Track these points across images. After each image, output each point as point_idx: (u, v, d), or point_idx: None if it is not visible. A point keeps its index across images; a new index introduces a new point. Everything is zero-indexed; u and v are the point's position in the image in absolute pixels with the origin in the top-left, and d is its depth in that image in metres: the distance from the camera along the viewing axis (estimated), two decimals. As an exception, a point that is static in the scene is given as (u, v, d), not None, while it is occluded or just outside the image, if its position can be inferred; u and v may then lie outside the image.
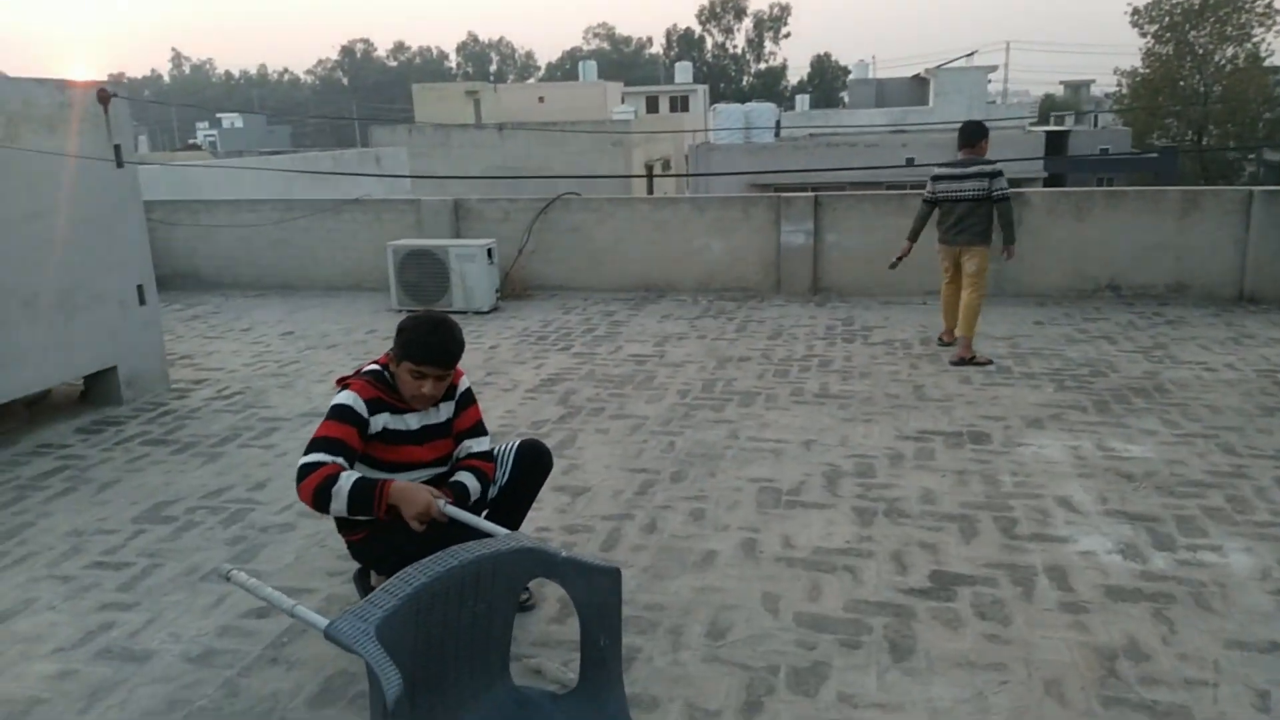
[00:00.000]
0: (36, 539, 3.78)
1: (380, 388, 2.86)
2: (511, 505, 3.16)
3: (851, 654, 2.82)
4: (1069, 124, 32.74)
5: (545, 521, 3.79)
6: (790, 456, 4.44)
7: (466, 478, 2.95)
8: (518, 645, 2.88)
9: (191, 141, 45.70)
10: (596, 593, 2.34)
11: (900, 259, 6.43)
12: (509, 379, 5.92)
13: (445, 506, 2.67)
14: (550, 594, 3.18)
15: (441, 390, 2.86)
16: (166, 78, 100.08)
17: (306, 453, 2.72)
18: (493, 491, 3.10)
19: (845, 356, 6.24)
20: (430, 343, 2.77)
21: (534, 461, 3.15)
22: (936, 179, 6.16)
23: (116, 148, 5.67)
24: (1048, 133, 25.42)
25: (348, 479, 2.66)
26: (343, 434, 2.76)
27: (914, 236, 6.38)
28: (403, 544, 2.71)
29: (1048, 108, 48.91)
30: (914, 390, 5.44)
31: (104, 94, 5.58)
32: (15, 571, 3.50)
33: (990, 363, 5.95)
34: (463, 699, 2.36)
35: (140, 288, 5.80)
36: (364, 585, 3.08)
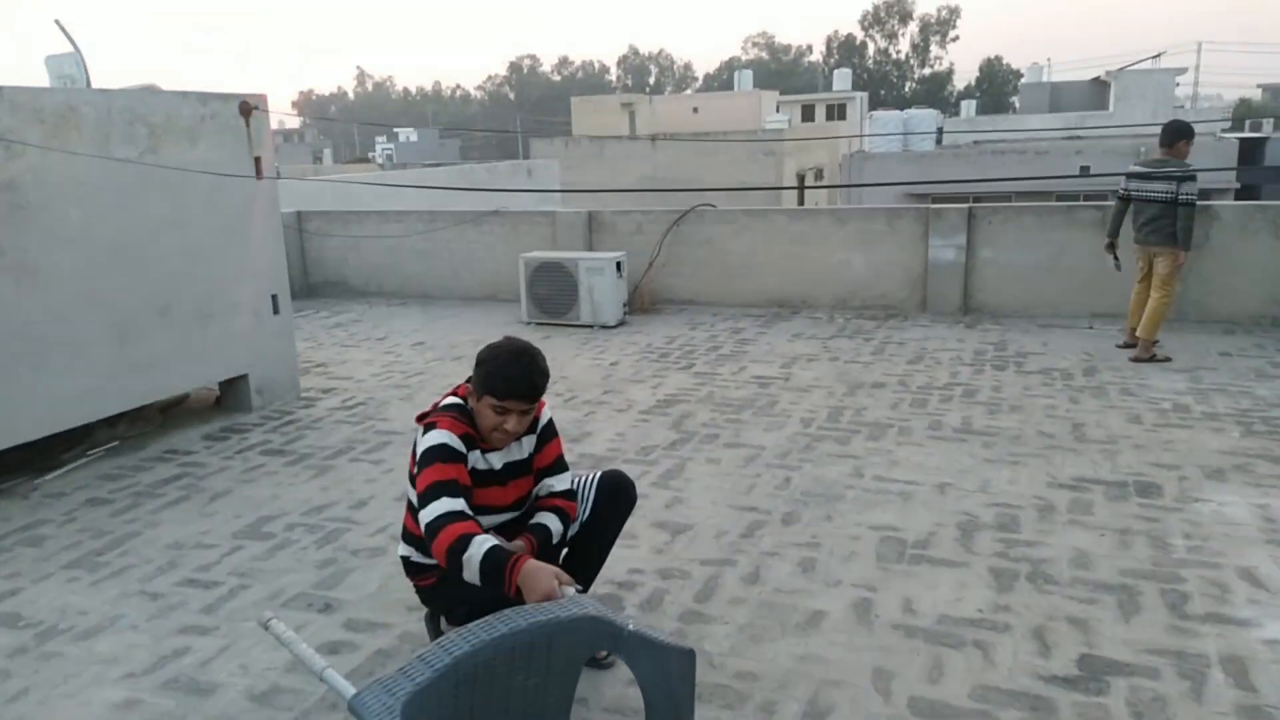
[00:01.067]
0: (138, 550, 3.80)
1: (466, 423, 2.63)
2: (591, 544, 2.89)
3: (972, 756, 2.38)
4: (1267, 130, 29.69)
5: (639, 562, 3.50)
6: (920, 502, 3.97)
7: (549, 519, 2.72)
8: (588, 711, 2.60)
9: (360, 155, 48.34)
10: (665, 676, 2.03)
11: (1115, 258, 6.48)
12: (624, 399, 5.67)
13: (570, 594, 2.30)
14: (632, 650, 2.88)
15: (524, 426, 2.61)
16: (351, 94, 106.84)
17: (424, 504, 2.48)
18: (573, 529, 2.84)
19: (994, 386, 5.65)
20: (513, 376, 2.52)
21: (616, 497, 2.87)
22: (1130, 176, 6.29)
23: (256, 160, 5.81)
24: (1241, 140, 23.11)
25: (479, 547, 2.36)
26: (455, 474, 2.53)
27: (1113, 234, 6.44)
28: (471, 593, 2.48)
29: (1242, 113, 44.73)
30: (1072, 429, 4.82)
31: (245, 106, 5.72)
32: (110, 585, 3.51)
33: (1170, 359, 6.03)
34: None
35: (274, 297, 5.91)
36: (434, 628, 2.88)
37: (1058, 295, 7.49)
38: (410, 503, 2.71)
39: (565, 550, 2.89)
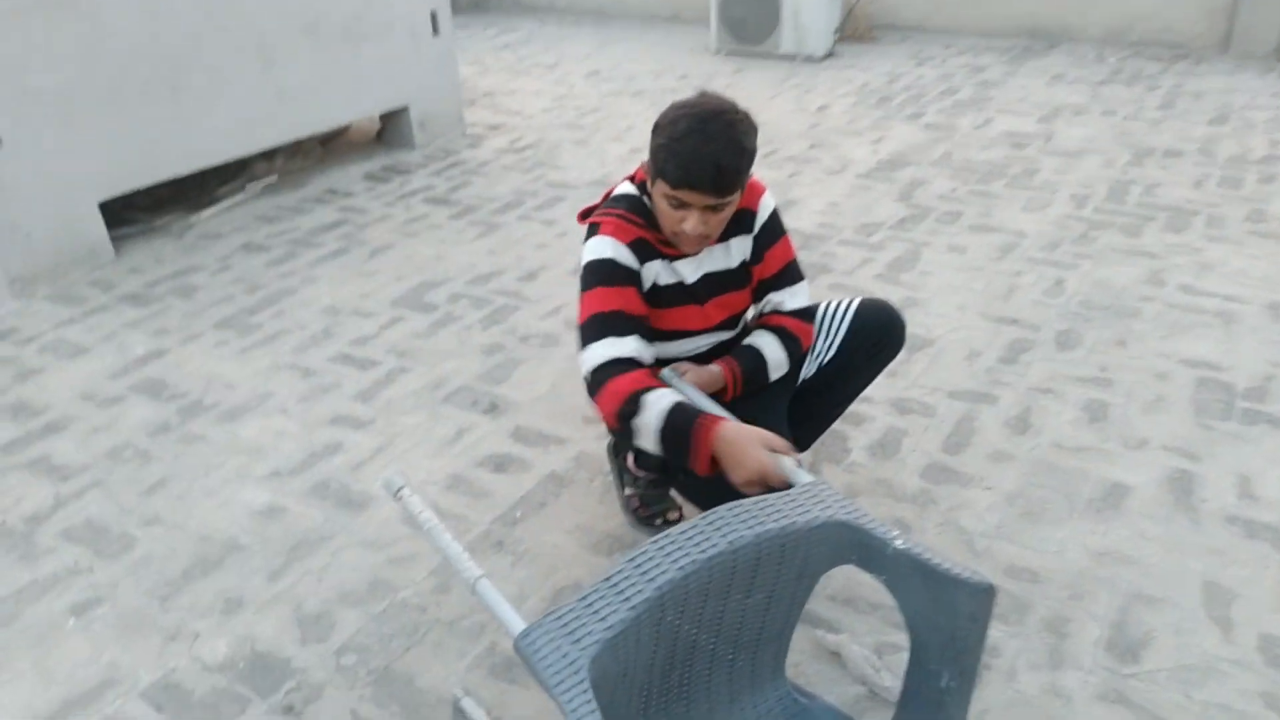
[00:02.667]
0: (293, 313, 3.40)
1: (642, 225, 1.87)
2: (828, 395, 2.16)
3: (1373, 749, 1.66)
4: None
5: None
6: (1248, 327, 2.99)
7: (765, 342, 1.98)
8: (812, 599, 2.02)
9: None
10: (947, 613, 1.37)
11: None
12: (837, 156, 4.70)
13: (793, 470, 1.57)
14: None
15: (715, 227, 1.79)
16: None
17: (585, 342, 1.82)
18: (809, 369, 2.12)
19: (1334, 163, 4.31)
20: (689, 155, 1.66)
21: (877, 339, 2.07)
22: None
23: None
24: None
25: (654, 407, 1.68)
26: (622, 302, 1.82)
27: None
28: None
29: None
30: None
31: None
32: (262, 353, 3.13)
33: None
34: (713, 709, 1.56)
35: (433, 15, 5.10)
36: (619, 469, 2.32)
37: None
38: None
39: (790, 397, 2.19)
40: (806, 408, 2.17)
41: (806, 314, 2.04)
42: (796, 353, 2.01)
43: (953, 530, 2.20)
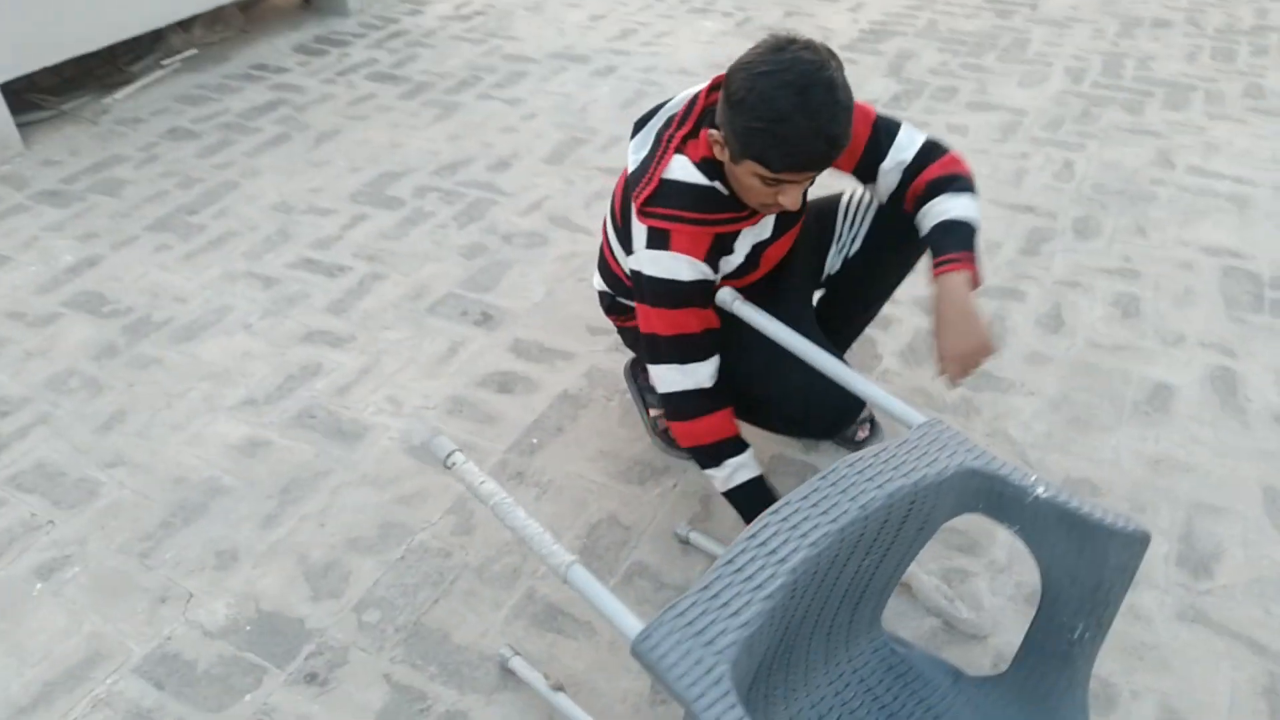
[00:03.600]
0: (238, 210, 3.03)
1: (716, 220, 1.56)
2: (861, 292, 1.96)
3: None
4: None
5: (890, 283, 2.60)
6: (1264, 211, 2.90)
7: (952, 206, 1.59)
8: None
9: None
10: (1091, 562, 1.24)
11: None
12: (815, 26, 4.38)
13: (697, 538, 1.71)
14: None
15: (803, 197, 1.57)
16: None
17: (655, 356, 1.63)
18: (833, 262, 1.91)
19: (1321, 33, 4.19)
20: (796, 138, 1.36)
21: (905, 227, 1.72)
22: None
23: None
24: None
25: (741, 473, 1.66)
26: (702, 322, 1.60)
27: None
28: None
29: None
30: None
31: None
32: (211, 259, 2.79)
33: None
34: (810, 671, 1.43)
35: None
36: (639, 385, 2.12)
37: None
38: (609, 228, 1.80)
39: (822, 292, 2.00)
40: (836, 308, 1.98)
41: (932, 150, 1.66)
42: (971, 188, 1.64)
43: (1002, 441, 2.09)
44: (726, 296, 1.65)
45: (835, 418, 1.73)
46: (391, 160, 3.32)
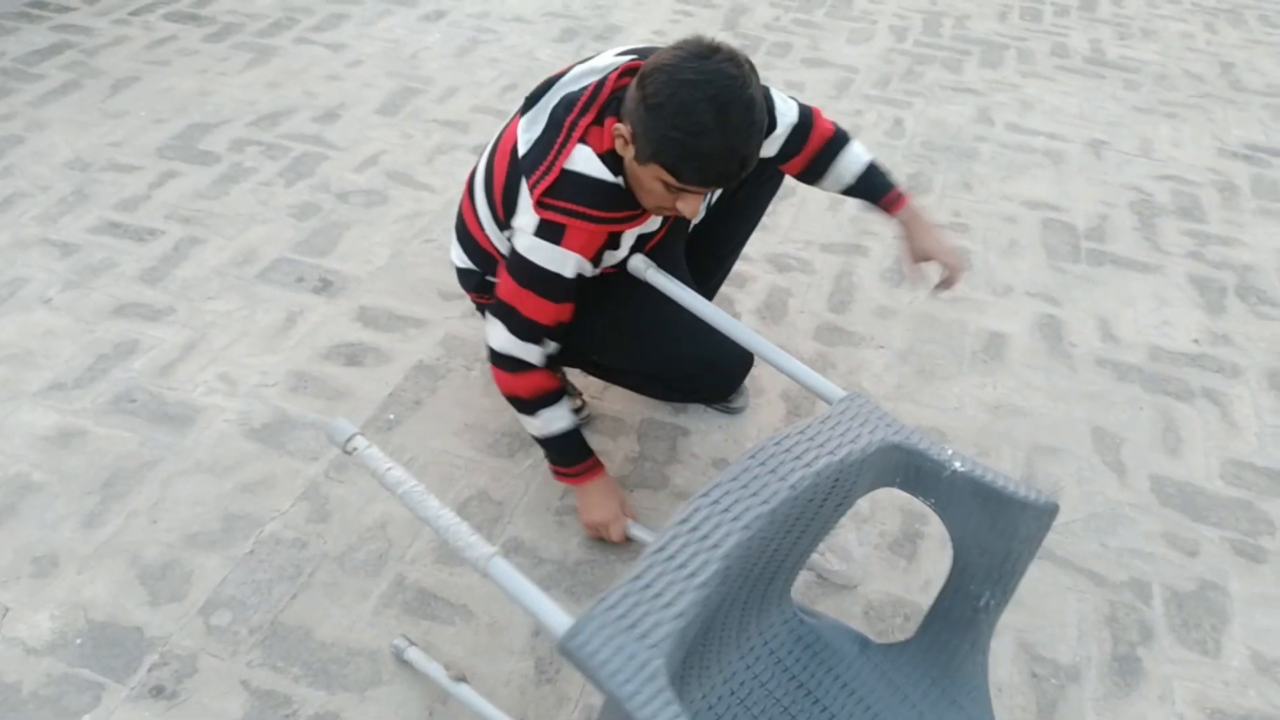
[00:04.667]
0: (24, 168, 2.68)
1: (613, 218, 1.50)
2: (721, 236, 1.96)
3: (1253, 570, 1.83)
4: None
5: (742, 240, 2.62)
6: (1076, 167, 3.11)
7: (859, 152, 1.72)
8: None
9: None
10: (1001, 533, 1.28)
11: None
12: (653, -24, 4.32)
13: (631, 528, 1.71)
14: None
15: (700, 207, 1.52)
16: None
17: (502, 321, 1.56)
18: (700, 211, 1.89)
19: (1110, -2, 4.52)
20: (708, 154, 1.31)
21: (760, 169, 1.78)
22: None
23: None
24: None
25: (554, 424, 1.65)
26: (559, 315, 1.56)
27: None
28: (582, 325, 1.62)
29: None
30: (1221, 71, 3.88)
31: None
32: (-5, 227, 2.45)
33: None
34: (723, 648, 1.42)
35: None
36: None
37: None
38: (480, 201, 1.69)
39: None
40: (701, 255, 1.97)
41: (808, 110, 1.72)
42: (849, 138, 1.75)
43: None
44: (640, 265, 1.60)
45: (730, 379, 1.79)
46: (201, 110, 3.02)
